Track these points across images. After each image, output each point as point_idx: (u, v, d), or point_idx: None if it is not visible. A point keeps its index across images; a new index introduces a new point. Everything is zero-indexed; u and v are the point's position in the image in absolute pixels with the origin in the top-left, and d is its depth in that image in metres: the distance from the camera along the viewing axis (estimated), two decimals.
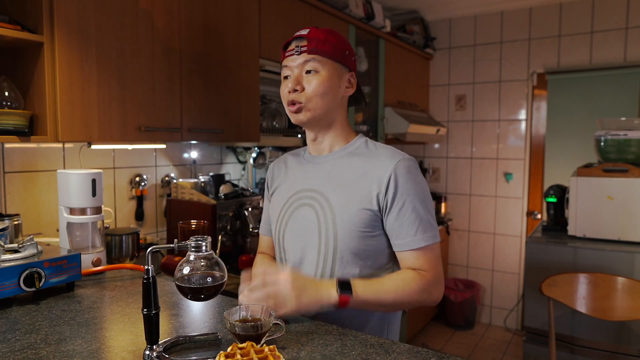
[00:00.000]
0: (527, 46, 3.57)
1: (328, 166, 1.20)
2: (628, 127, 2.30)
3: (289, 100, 1.16)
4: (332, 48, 1.15)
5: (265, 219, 1.38)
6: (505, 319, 3.77)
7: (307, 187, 1.21)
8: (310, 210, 1.17)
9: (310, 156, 1.27)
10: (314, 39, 1.14)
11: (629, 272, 2.05)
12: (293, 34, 1.18)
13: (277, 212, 1.26)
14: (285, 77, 1.19)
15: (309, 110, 1.15)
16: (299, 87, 1.14)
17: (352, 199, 1.12)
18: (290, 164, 1.32)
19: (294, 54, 1.15)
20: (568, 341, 2.18)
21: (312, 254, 1.16)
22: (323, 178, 1.19)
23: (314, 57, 1.13)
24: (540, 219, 3.64)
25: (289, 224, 1.21)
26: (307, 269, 1.17)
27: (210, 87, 1.95)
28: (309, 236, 1.17)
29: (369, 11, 3.00)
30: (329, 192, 1.16)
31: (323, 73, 1.14)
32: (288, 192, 1.25)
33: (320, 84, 1.13)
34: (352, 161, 1.18)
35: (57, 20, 1.41)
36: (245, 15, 2.09)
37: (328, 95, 1.15)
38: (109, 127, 1.58)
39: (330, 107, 1.17)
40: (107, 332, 1.04)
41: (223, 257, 2.02)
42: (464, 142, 3.91)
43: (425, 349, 0.95)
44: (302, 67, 1.15)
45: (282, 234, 1.23)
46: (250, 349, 0.83)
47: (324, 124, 1.20)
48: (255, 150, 2.65)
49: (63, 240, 1.52)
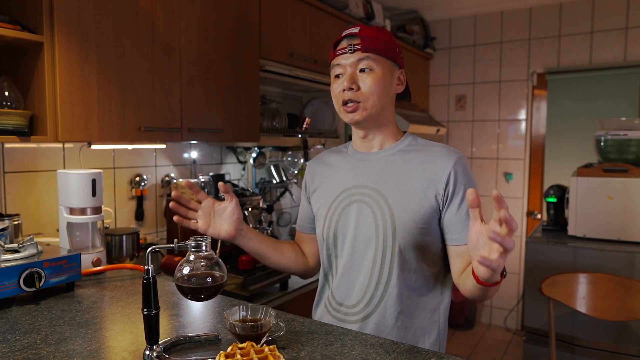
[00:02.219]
0: (527, 46, 3.57)
1: (381, 163, 1.19)
2: (628, 127, 2.30)
3: (344, 99, 1.14)
4: (384, 45, 1.14)
5: (302, 216, 1.37)
6: (505, 319, 3.77)
7: (358, 183, 1.19)
8: (365, 207, 1.16)
9: (357, 153, 1.25)
10: (366, 36, 1.12)
11: (629, 272, 2.05)
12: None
13: (325, 209, 1.23)
14: (336, 76, 1.17)
15: (365, 109, 1.13)
16: (355, 85, 1.13)
17: (411, 195, 1.12)
18: (332, 161, 1.29)
19: (347, 52, 1.13)
20: (568, 341, 2.18)
21: (370, 250, 1.15)
22: (377, 174, 1.17)
23: (368, 55, 1.12)
24: (540, 219, 3.64)
25: (339, 222, 1.19)
26: (364, 265, 1.16)
27: (210, 87, 1.95)
28: (364, 233, 1.15)
29: (369, 11, 3.00)
30: (384, 188, 1.15)
31: (378, 71, 1.13)
32: (336, 189, 1.23)
33: (376, 83, 1.12)
34: (406, 158, 1.17)
35: (57, 20, 1.41)
36: (245, 15, 2.09)
37: (383, 94, 1.14)
38: (109, 127, 1.58)
39: (383, 106, 1.16)
40: (107, 332, 1.04)
41: (223, 257, 2.02)
42: (464, 142, 3.92)
43: (425, 349, 0.95)
44: (356, 65, 1.13)
45: (333, 232, 1.21)
46: (250, 349, 0.83)
47: (376, 122, 1.18)
48: (255, 150, 2.65)
49: (63, 240, 1.52)
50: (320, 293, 1.28)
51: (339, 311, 1.20)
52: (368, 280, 1.15)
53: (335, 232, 1.20)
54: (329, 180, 1.26)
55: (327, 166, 1.29)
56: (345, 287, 1.19)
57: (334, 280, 1.22)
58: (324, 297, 1.27)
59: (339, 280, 1.20)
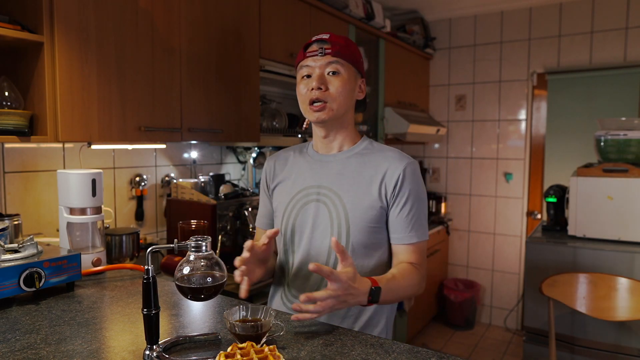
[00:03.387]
0: (527, 46, 3.57)
1: (338, 165, 1.26)
2: (628, 127, 2.30)
3: (311, 98, 1.19)
4: (351, 53, 1.22)
5: (263, 212, 1.40)
6: (505, 319, 3.77)
7: (316, 183, 1.25)
8: (322, 206, 1.22)
9: (317, 154, 1.31)
10: (337, 42, 1.20)
11: (629, 272, 2.05)
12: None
13: (283, 206, 1.29)
14: (303, 77, 1.22)
15: (331, 109, 1.20)
16: (323, 86, 1.19)
17: (364, 196, 1.19)
18: (294, 160, 1.35)
19: (317, 55, 1.20)
20: (568, 341, 2.18)
21: (324, 246, 1.21)
22: (334, 176, 1.24)
23: (337, 59, 1.19)
24: (540, 219, 3.64)
25: (297, 218, 1.25)
26: (319, 261, 1.21)
27: (210, 87, 1.95)
28: (320, 230, 1.22)
29: (369, 11, 3.00)
30: (340, 189, 1.22)
31: (344, 75, 1.20)
32: (294, 187, 1.29)
33: (343, 85, 1.19)
34: (362, 161, 1.24)
35: (57, 20, 1.41)
36: (245, 15, 2.09)
37: (348, 97, 1.22)
38: (109, 127, 1.58)
39: (347, 109, 1.24)
40: (107, 332, 1.04)
41: (223, 257, 2.02)
42: (464, 142, 3.92)
43: (425, 349, 0.95)
44: (325, 67, 1.20)
45: (291, 228, 1.26)
46: (250, 349, 0.83)
47: (338, 124, 1.25)
48: (255, 150, 2.65)
49: (63, 240, 1.52)
50: (276, 285, 1.33)
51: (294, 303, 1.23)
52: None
53: (293, 228, 1.26)
54: (288, 178, 1.32)
55: (287, 164, 1.35)
56: (301, 280, 1.25)
57: (290, 274, 1.27)
58: (280, 289, 1.31)
59: (295, 275, 1.26)
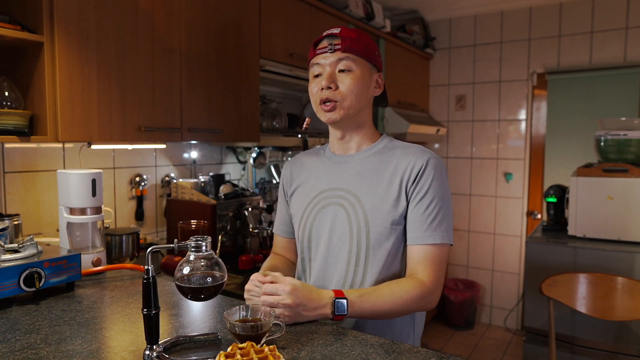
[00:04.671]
0: (527, 46, 3.57)
1: (356, 165, 1.19)
2: (628, 127, 2.30)
3: (322, 98, 1.14)
4: (364, 47, 1.14)
5: (281, 219, 1.35)
6: (505, 319, 3.77)
7: (334, 186, 1.20)
8: (340, 209, 1.16)
9: (334, 155, 1.25)
10: (347, 37, 1.13)
11: (629, 272, 2.05)
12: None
13: (301, 211, 1.24)
14: (315, 76, 1.17)
15: (343, 108, 1.14)
16: (333, 85, 1.13)
17: (384, 197, 1.13)
18: (310, 163, 1.29)
19: (327, 52, 1.14)
20: (568, 341, 2.18)
21: (343, 252, 1.15)
22: (352, 177, 1.18)
23: (348, 55, 1.13)
24: (540, 219, 3.64)
25: (314, 224, 1.20)
26: (338, 266, 1.16)
27: (210, 87, 1.95)
28: (338, 235, 1.16)
29: (369, 11, 3.00)
30: (358, 190, 1.16)
31: (357, 72, 1.13)
32: (312, 191, 1.23)
33: (355, 83, 1.13)
34: (381, 160, 1.18)
35: (57, 20, 1.41)
36: (245, 15, 2.09)
37: (361, 95, 1.15)
38: (109, 127, 1.58)
39: (361, 107, 1.17)
40: (107, 332, 1.04)
41: (223, 257, 2.02)
42: (464, 142, 3.91)
43: (425, 349, 0.95)
44: (336, 65, 1.14)
45: (308, 234, 1.21)
46: (250, 349, 0.83)
47: (353, 123, 1.19)
48: (255, 150, 2.65)
49: (63, 240, 1.52)
50: None
51: None
52: (342, 282, 1.16)
53: (310, 234, 1.21)
54: (306, 182, 1.27)
55: (305, 168, 1.29)
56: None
57: (309, 283, 1.21)
58: None
59: (314, 284, 1.20)
